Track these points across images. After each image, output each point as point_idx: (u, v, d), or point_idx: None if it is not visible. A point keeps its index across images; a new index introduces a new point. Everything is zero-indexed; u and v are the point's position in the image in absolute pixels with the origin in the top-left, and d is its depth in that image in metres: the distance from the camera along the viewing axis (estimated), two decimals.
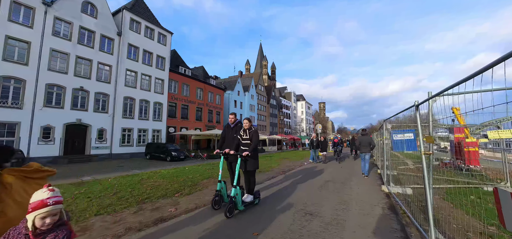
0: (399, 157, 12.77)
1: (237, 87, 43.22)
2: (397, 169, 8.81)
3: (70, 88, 18.35)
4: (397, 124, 7.61)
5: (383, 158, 9.36)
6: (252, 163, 4.54)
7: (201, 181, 7.11)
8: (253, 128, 4.73)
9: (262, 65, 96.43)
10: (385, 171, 6.57)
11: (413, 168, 10.19)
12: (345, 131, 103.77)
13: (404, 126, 6.78)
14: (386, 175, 6.44)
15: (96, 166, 15.15)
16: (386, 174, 6.48)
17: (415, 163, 11.25)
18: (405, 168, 10.12)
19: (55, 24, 17.66)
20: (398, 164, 10.47)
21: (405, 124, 7.29)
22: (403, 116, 6.97)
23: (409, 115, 8.29)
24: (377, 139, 12.86)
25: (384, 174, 7.14)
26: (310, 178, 7.86)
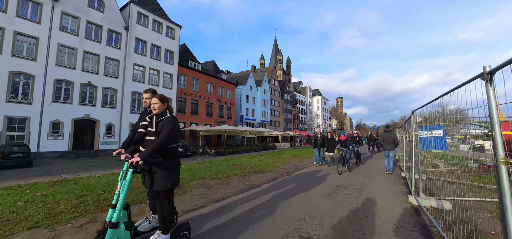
0: (426, 156, 10.84)
1: (249, 82, 42.10)
2: (426, 172, 7.20)
3: (78, 83, 18.37)
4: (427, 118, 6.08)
5: (408, 158, 7.76)
6: (162, 178, 2.50)
7: (183, 185, 6.08)
8: (167, 113, 2.66)
9: (277, 60, 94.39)
10: (412, 176, 5.07)
11: (446, 171, 8.43)
12: (364, 128, 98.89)
13: (431, 122, 5.23)
14: (414, 180, 4.95)
15: (98, 162, 14.90)
16: (413, 179, 4.99)
17: (447, 165, 9.40)
18: (436, 171, 8.39)
19: (63, 19, 17.65)
20: (426, 165, 8.76)
21: (432, 118, 5.66)
22: (439, 106, 5.27)
23: (436, 111, 6.62)
24: (401, 135, 11.09)
25: (411, 179, 5.65)
26: (317, 182, 6.53)
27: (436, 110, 3.80)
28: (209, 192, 5.27)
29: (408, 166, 7.65)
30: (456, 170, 8.73)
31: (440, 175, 7.43)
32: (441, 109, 3.54)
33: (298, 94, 66.89)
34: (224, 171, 8.15)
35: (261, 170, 8.59)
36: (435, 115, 4.21)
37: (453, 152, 4.80)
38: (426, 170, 7.58)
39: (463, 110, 2.43)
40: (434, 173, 8.00)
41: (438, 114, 3.96)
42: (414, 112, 4.63)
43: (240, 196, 5.00)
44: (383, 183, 6.67)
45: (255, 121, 42.90)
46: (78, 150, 18.14)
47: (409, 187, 5.72)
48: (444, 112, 3.68)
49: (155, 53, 24.16)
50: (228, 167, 9.34)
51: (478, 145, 10.41)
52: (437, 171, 8.44)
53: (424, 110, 4.25)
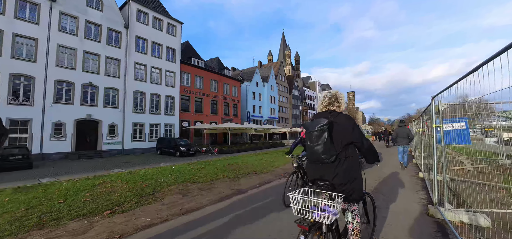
0: (447, 152, 9.43)
1: (255, 78, 41.15)
2: (449, 171, 6.03)
3: (79, 84, 18.24)
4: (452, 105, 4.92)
5: (427, 154, 6.59)
6: None
7: (159, 191, 5.31)
8: None
9: (285, 55, 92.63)
10: (434, 178, 3.95)
11: (472, 169, 7.15)
12: (377, 122, 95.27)
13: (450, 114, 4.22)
14: (436, 185, 3.83)
15: (99, 163, 14.64)
16: (435, 182, 3.86)
17: (475, 162, 8.06)
18: (460, 170, 7.14)
19: (61, 19, 17.49)
20: (448, 162, 7.53)
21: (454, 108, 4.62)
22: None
23: (456, 103, 5.40)
24: (417, 129, 9.81)
25: (431, 182, 4.55)
26: None
27: (456, 102, 3.34)
28: (183, 200, 4.46)
29: (427, 164, 6.48)
30: (486, 169, 7.43)
31: (467, 175, 6.23)
32: (462, 100, 3.10)
33: (307, 90, 65.13)
34: (215, 173, 7.34)
35: (256, 171, 7.71)
36: (455, 108, 3.34)
37: (479, 147, 3.86)
38: (449, 168, 6.41)
39: (487, 101, 2.13)
40: (459, 172, 6.77)
41: (458, 108, 3.23)
42: (434, 99, 3.55)
43: (218, 206, 4.15)
44: (397, 186, 5.58)
45: (262, 117, 41.97)
46: (81, 151, 18.07)
47: (430, 193, 4.61)
48: (464, 104, 3.15)
49: (156, 51, 23.76)
50: (222, 167, 8.54)
51: (506, 138, 8.64)
52: (462, 170, 7.19)
53: (447, 96, 3.18)
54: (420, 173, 6.73)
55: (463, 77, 2.49)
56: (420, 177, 6.57)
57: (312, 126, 1.90)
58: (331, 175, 1.87)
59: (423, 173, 6.65)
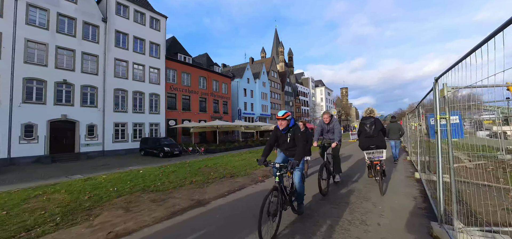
0: (445, 149, 8.71)
1: (247, 74, 40.09)
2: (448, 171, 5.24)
3: (52, 82, 16.88)
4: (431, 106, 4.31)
5: (421, 150, 5.81)
6: None
7: (100, 205, 4.32)
8: None
9: (278, 52, 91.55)
10: (438, 186, 3.04)
11: (473, 167, 6.39)
12: None
13: None
14: (441, 193, 2.93)
15: (73, 167, 13.47)
16: (439, 191, 2.96)
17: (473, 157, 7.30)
18: (461, 167, 6.37)
19: (29, 11, 16.06)
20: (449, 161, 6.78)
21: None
22: None
23: None
24: (411, 123, 9.05)
25: (434, 188, 3.72)
26: None
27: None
28: (120, 219, 3.50)
29: (424, 162, 5.67)
30: (487, 166, 6.67)
31: (468, 174, 5.43)
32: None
33: (300, 86, 64.43)
34: (184, 177, 6.38)
35: (233, 174, 6.77)
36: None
37: (473, 141, 3.57)
38: (445, 166, 5.62)
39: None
40: (459, 171, 6.00)
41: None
42: (438, 81, 2.66)
43: (161, 227, 3.21)
44: (390, 192, 4.72)
45: (254, 115, 41.04)
46: (56, 154, 16.78)
47: (431, 202, 3.75)
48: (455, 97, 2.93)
49: (138, 46, 22.46)
50: (196, 170, 7.57)
51: (498, 131, 7.75)
52: (463, 168, 6.42)
53: (453, 77, 2.30)
54: (416, 173, 5.91)
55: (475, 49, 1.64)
56: (416, 177, 5.76)
57: (366, 122, 4.79)
58: (376, 142, 4.69)
59: (419, 173, 5.84)
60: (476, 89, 2.54)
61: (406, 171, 6.72)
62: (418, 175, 5.62)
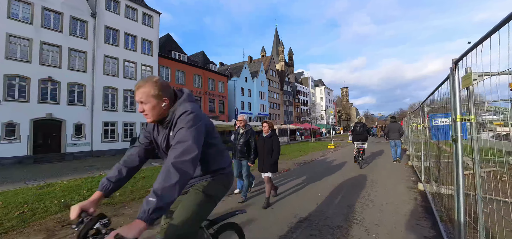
0: (438, 148, 7.84)
1: (244, 73, 39.27)
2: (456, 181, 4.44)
3: (36, 79, 16.14)
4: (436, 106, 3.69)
5: (426, 154, 5.00)
6: None
7: (19, 228, 3.52)
8: None
9: (278, 51, 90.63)
10: (458, 204, 2.17)
11: (484, 174, 5.53)
12: (371, 118, 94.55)
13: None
14: (461, 211, 2.06)
15: (54, 168, 12.69)
16: (460, 208, 2.08)
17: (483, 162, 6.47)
18: (470, 176, 5.53)
19: (11, 5, 15.32)
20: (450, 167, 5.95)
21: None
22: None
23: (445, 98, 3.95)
24: (412, 124, 8.22)
25: (456, 209, 2.91)
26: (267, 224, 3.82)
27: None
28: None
29: (431, 169, 4.85)
30: (502, 174, 5.83)
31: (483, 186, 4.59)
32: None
33: (299, 85, 63.54)
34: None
35: None
36: None
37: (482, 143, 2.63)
38: (452, 172, 4.80)
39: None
40: (469, 180, 5.18)
41: None
42: (458, 65, 1.83)
43: None
44: (387, 217, 3.90)
45: (252, 114, 40.22)
46: (40, 154, 16.05)
47: (443, 233, 2.91)
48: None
49: (130, 43, 21.69)
50: None
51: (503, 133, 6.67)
52: (471, 176, 5.58)
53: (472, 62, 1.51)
54: (419, 184, 5.06)
55: None
56: (420, 189, 4.91)
57: (357, 125, 8.13)
58: (362, 137, 7.80)
59: (423, 183, 5.00)
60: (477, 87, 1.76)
61: (408, 179, 5.87)
62: (422, 186, 4.79)
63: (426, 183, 4.75)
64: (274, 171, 4.15)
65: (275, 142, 4.19)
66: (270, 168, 4.09)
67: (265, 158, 4.16)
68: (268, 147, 4.18)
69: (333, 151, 14.23)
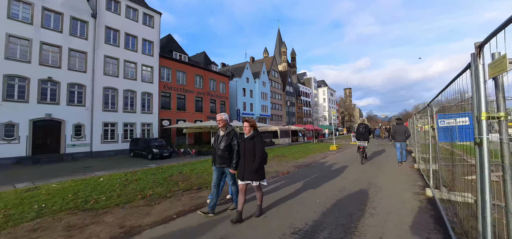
0: (454, 152, 7.33)
1: (246, 73, 39.00)
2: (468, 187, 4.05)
3: (36, 79, 16.07)
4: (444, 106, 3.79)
5: (435, 156, 4.62)
6: None
7: None
8: None
9: (281, 52, 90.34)
10: (485, 220, 1.85)
11: (496, 179, 5.13)
12: (375, 119, 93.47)
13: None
14: (488, 228, 1.74)
15: (51, 169, 12.53)
16: (486, 222, 1.76)
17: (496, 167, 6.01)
18: None
19: (11, 5, 15.29)
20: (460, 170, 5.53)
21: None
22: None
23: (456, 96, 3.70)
24: (418, 125, 7.82)
25: (482, 225, 2.57)
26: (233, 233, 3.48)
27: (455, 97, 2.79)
28: None
29: (437, 173, 4.46)
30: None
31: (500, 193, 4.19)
32: (460, 96, 2.63)
33: (302, 86, 63.04)
34: (144, 188, 5.33)
35: (201, 186, 5.66)
36: None
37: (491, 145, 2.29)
38: (461, 178, 4.41)
39: None
40: None
41: None
42: (483, 50, 1.49)
43: None
44: (392, 230, 3.53)
45: (254, 115, 39.93)
46: (39, 155, 15.94)
47: None
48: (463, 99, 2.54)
49: (130, 43, 21.58)
50: (164, 178, 6.49)
51: None
52: None
53: None
54: (427, 190, 4.66)
55: None
56: (428, 195, 4.52)
57: (360, 127, 9.38)
58: (364, 137, 9.08)
59: (431, 189, 4.61)
60: None
61: (414, 184, 5.47)
62: (430, 192, 4.40)
63: (435, 189, 4.37)
64: (259, 179, 3.54)
65: (257, 144, 3.52)
66: (253, 176, 3.47)
67: (245, 163, 3.51)
68: (249, 150, 3.52)
69: (335, 152, 13.83)
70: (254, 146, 3.50)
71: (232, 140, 3.69)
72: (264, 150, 3.58)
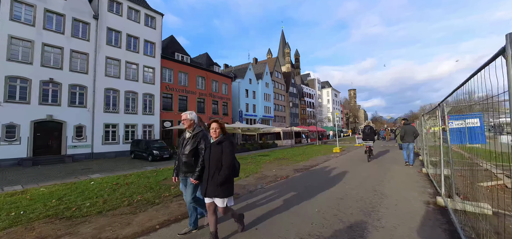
0: (463, 156, 6.79)
1: (248, 74, 38.74)
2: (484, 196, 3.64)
3: (37, 80, 16.09)
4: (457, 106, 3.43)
5: (447, 161, 4.20)
6: None
7: None
8: None
9: (285, 53, 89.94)
10: None
11: None
12: (380, 120, 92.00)
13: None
14: None
15: (51, 171, 12.44)
16: None
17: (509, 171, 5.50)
18: (495, 188, 4.67)
19: (14, 7, 15.35)
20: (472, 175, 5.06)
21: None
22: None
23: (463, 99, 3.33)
24: (428, 127, 7.37)
25: None
26: None
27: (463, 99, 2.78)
28: None
29: (449, 178, 4.05)
30: None
31: None
32: (468, 96, 2.67)
33: (306, 87, 62.43)
34: (133, 193, 5.01)
35: None
36: None
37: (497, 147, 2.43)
38: (476, 184, 4.00)
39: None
40: (494, 193, 4.30)
41: None
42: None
43: None
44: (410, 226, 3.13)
45: (257, 116, 39.58)
46: (40, 156, 15.92)
47: None
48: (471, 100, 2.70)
49: (132, 45, 21.54)
50: (157, 182, 6.20)
51: None
52: (502, 189, 4.71)
53: None
54: (439, 199, 4.20)
55: None
56: (440, 204, 4.09)
57: (366, 128, 10.44)
58: (370, 137, 10.08)
59: (443, 198, 4.18)
60: None
61: (423, 192, 5.02)
62: (442, 201, 3.96)
63: (448, 198, 3.94)
64: (225, 195, 2.72)
65: (225, 151, 2.74)
66: (217, 191, 2.68)
67: (209, 175, 2.76)
68: (215, 158, 2.75)
69: (339, 155, 13.36)
70: (221, 153, 2.74)
71: (199, 142, 3.08)
72: (234, 158, 2.83)
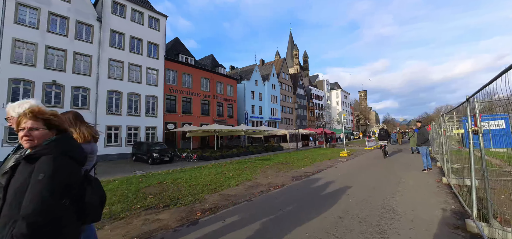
0: (490, 163, 5.52)
1: (255, 76, 38.13)
2: None
3: (40, 82, 16.17)
4: None
5: (481, 172, 3.31)
6: None
7: None
8: None
9: (293, 55, 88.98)
10: None
11: None
12: (392, 122, 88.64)
13: None
14: None
15: None
16: None
17: None
18: None
19: (18, 10, 15.52)
20: (502, 186, 4.07)
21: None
22: None
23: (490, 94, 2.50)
24: (444, 129, 6.38)
25: None
26: None
27: None
28: None
29: (483, 192, 3.15)
30: None
31: None
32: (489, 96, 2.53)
33: (314, 89, 61.04)
34: (108, 204, 4.40)
35: (168, 203, 4.66)
36: None
37: None
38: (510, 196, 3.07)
39: None
40: None
41: None
42: None
43: None
44: None
45: (263, 118, 38.82)
46: None
47: None
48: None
49: (135, 46, 21.47)
50: (138, 190, 5.60)
51: None
52: None
53: None
54: (468, 222, 3.26)
55: None
56: (471, 230, 3.18)
57: (381, 131, 13.87)
58: (384, 138, 13.22)
59: (476, 222, 3.27)
60: None
61: (445, 209, 4.03)
62: (474, 226, 3.04)
63: (483, 222, 3.01)
64: None
65: (34, 181, 1.09)
66: None
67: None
68: (15, 190, 1.13)
69: (346, 160, 12.35)
70: (25, 183, 1.11)
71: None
72: (62, 193, 1.14)
